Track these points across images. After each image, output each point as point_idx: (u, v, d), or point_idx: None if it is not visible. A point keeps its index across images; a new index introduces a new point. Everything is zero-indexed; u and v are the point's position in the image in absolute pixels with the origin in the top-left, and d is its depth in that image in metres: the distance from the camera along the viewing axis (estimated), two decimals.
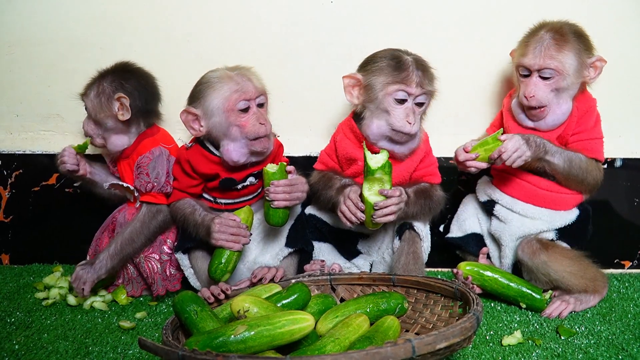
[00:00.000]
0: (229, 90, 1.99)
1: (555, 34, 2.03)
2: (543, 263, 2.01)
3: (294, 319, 1.52)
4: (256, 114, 2.02)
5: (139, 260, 2.12)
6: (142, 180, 2.12)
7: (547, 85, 2.03)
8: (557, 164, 2.02)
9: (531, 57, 2.04)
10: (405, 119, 2.01)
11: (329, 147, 2.21)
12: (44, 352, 1.76)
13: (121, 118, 2.11)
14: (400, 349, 1.32)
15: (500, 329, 1.88)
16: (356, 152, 2.10)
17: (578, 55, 2.02)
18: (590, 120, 2.08)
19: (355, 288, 1.96)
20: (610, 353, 1.71)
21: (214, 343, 1.46)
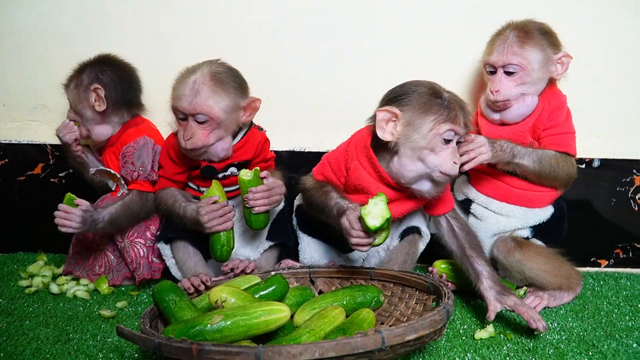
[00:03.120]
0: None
1: (519, 31, 2.07)
2: (517, 261, 2.03)
3: (269, 310, 1.55)
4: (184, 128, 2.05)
5: (124, 245, 2.15)
6: (127, 169, 2.15)
7: (512, 80, 2.07)
8: (527, 165, 2.04)
9: (495, 55, 2.09)
10: (453, 161, 1.89)
11: (337, 167, 2.05)
12: (25, 338, 1.78)
13: (97, 109, 2.15)
14: (370, 339, 1.36)
15: (474, 323, 1.91)
16: (371, 185, 1.97)
17: (542, 50, 2.06)
18: (560, 115, 2.10)
19: (333, 281, 2.00)
20: (581, 349, 1.75)
21: (191, 332, 1.49)
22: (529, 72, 2.05)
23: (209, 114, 2.00)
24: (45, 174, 2.45)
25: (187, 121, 2.03)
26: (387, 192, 1.93)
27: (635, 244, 2.43)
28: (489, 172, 2.17)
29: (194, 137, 2.02)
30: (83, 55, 2.23)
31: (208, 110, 2.00)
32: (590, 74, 2.29)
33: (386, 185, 1.96)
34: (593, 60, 2.33)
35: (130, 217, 2.15)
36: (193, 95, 2.00)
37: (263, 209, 1.99)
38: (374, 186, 1.96)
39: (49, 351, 1.71)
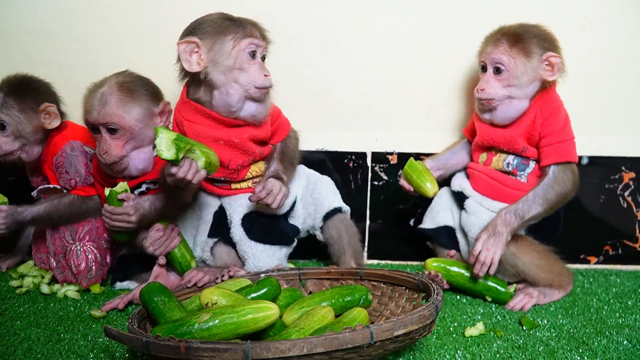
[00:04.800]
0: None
1: (511, 35, 2.07)
2: (511, 254, 2.03)
3: (258, 308, 1.55)
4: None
5: (75, 248, 2.14)
6: (64, 178, 2.16)
7: (499, 80, 2.07)
8: (538, 213, 2.05)
9: (487, 51, 2.10)
10: (263, 74, 2.00)
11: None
12: (16, 338, 1.78)
13: (49, 127, 2.16)
14: (358, 334, 1.37)
15: (464, 321, 1.91)
16: (213, 133, 2.03)
17: (530, 53, 2.05)
18: (557, 121, 2.09)
19: (323, 282, 2.00)
20: (571, 346, 1.75)
21: (179, 331, 1.49)
22: (515, 74, 2.05)
23: (119, 124, 1.99)
24: None
25: (100, 134, 2.02)
26: (232, 131, 2.04)
27: (624, 241, 2.44)
28: (482, 170, 2.19)
29: (109, 150, 2.01)
30: (70, 54, 2.26)
31: (118, 120, 1.99)
32: (578, 71, 2.28)
33: (227, 127, 2.03)
34: (581, 58, 2.33)
35: (56, 220, 2.15)
36: (101, 106, 1.98)
37: (108, 229, 2.04)
38: (217, 133, 2.04)
39: (40, 351, 1.71)
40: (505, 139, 2.13)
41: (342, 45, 2.42)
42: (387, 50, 2.42)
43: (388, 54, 2.42)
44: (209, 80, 1.99)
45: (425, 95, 2.43)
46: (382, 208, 2.48)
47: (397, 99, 2.45)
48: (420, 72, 2.43)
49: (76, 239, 2.15)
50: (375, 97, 2.45)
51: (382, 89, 2.45)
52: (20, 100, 2.14)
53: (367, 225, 2.49)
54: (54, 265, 2.16)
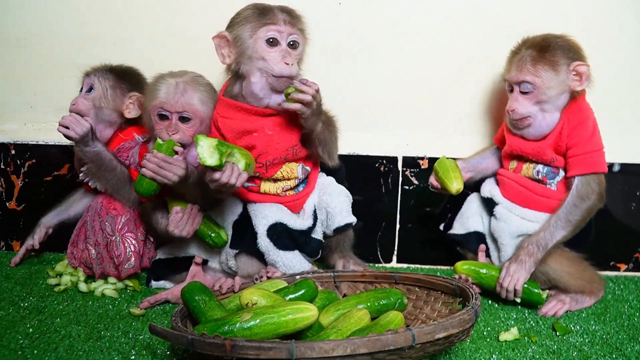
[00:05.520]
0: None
1: (534, 49, 2.06)
2: (542, 262, 2.06)
3: (298, 309, 1.58)
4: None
5: (114, 239, 2.18)
6: (120, 159, 2.22)
7: (527, 99, 2.08)
8: (563, 237, 2.06)
9: (511, 73, 2.11)
10: (284, 62, 2.00)
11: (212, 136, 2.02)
12: (57, 335, 1.81)
13: (127, 115, 2.23)
14: (400, 336, 1.39)
15: (497, 326, 1.93)
16: (246, 123, 2.05)
17: (557, 66, 2.04)
18: (584, 132, 2.09)
19: (357, 285, 2.02)
20: (605, 352, 1.77)
21: (221, 330, 1.52)
22: (543, 90, 2.05)
23: (194, 113, 2.05)
24: (71, 174, 2.49)
25: (170, 120, 2.06)
26: (266, 122, 2.05)
27: None
28: (512, 177, 2.21)
29: (179, 133, 2.05)
30: (107, 58, 2.28)
31: (194, 110, 2.05)
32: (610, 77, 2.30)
33: (260, 116, 2.06)
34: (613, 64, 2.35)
35: (108, 173, 2.18)
36: (180, 95, 2.04)
37: (148, 174, 1.93)
38: (250, 124, 2.05)
39: (82, 348, 1.74)
40: (534, 150, 2.14)
41: (374, 49, 2.44)
42: (419, 55, 2.44)
43: (420, 59, 2.45)
44: (239, 72, 2.04)
45: (457, 100, 2.45)
46: (412, 212, 2.50)
47: (429, 104, 2.47)
48: (451, 78, 2.45)
49: (115, 231, 2.19)
50: (406, 101, 2.47)
51: (414, 94, 2.47)
52: (118, 79, 2.24)
53: (397, 230, 2.51)
54: (94, 256, 2.19)
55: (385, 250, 2.52)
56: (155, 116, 2.08)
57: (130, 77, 2.29)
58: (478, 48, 2.42)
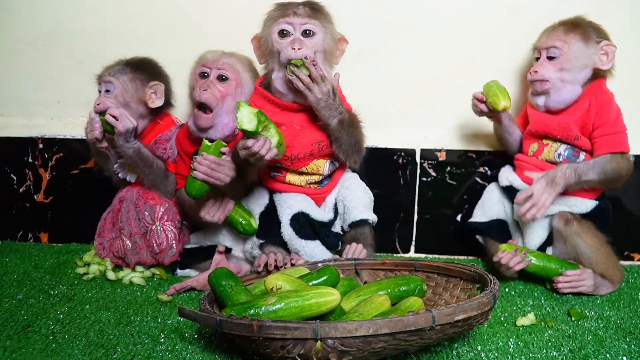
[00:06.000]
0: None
1: (567, 23, 2.18)
2: (575, 233, 2.12)
3: (321, 293, 1.62)
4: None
5: (155, 228, 2.23)
6: (158, 153, 2.27)
7: (551, 64, 2.15)
8: (592, 179, 2.11)
9: (542, 40, 2.20)
10: (291, 47, 2.05)
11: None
12: (87, 321, 1.87)
13: (151, 105, 2.27)
14: (421, 317, 1.44)
15: (515, 312, 1.97)
16: (276, 117, 2.07)
17: (586, 39, 2.14)
18: (610, 112, 2.16)
19: (378, 273, 2.07)
20: (619, 335, 1.81)
21: (247, 312, 1.56)
22: (569, 58, 2.13)
23: (233, 74, 2.15)
24: (97, 167, 2.53)
25: (208, 78, 2.14)
26: (295, 117, 2.13)
27: None
28: (531, 162, 2.25)
29: (209, 90, 2.12)
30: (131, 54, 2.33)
31: (234, 71, 2.16)
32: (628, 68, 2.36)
33: (289, 111, 2.13)
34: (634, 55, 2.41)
35: (147, 170, 2.24)
36: (223, 56, 2.17)
37: (200, 177, 1.97)
38: (280, 117, 2.10)
39: (112, 332, 1.79)
40: (559, 126, 2.19)
41: (393, 45, 2.50)
42: (438, 52, 2.50)
43: (438, 55, 2.50)
44: (268, 70, 2.14)
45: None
46: (430, 204, 2.55)
47: (447, 97, 2.52)
48: (469, 71, 2.50)
49: (155, 219, 2.23)
50: (424, 96, 2.53)
51: (432, 88, 2.52)
52: (134, 71, 2.27)
53: (415, 221, 2.56)
54: (129, 246, 2.24)
55: (403, 241, 2.57)
56: (196, 76, 2.16)
57: (147, 68, 2.32)
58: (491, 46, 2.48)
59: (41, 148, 2.58)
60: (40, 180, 2.60)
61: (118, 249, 2.27)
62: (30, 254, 2.46)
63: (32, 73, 2.61)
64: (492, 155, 2.50)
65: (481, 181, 2.49)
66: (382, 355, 1.53)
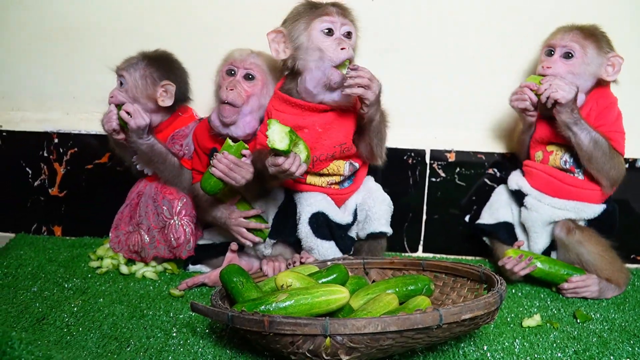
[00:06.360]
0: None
1: (585, 29, 2.19)
2: (577, 242, 2.15)
3: (330, 290, 1.66)
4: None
5: (173, 222, 2.26)
6: (175, 148, 2.30)
7: (566, 65, 2.16)
8: (583, 139, 2.10)
9: (558, 38, 2.20)
10: (340, 47, 2.04)
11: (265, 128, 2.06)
12: (100, 314, 1.91)
13: (161, 104, 2.27)
14: (428, 316, 1.47)
15: (521, 313, 2.00)
16: (298, 119, 2.10)
17: (599, 48, 2.16)
18: (610, 115, 2.18)
19: (386, 272, 2.10)
20: (623, 338, 1.84)
21: (258, 308, 1.60)
22: (583, 62, 2.15)
23: (259, 74, 2.16)
24: (111, 163, 2.59)
25: (235, 77, 2.16)
26: (317, 119, 2.11)
27: None
28: (540, 168, 2.27)
29: (236, 90, 2.13)
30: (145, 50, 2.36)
31: (260, 71, 2.17)
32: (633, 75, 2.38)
33: (313, 112, 2.11)
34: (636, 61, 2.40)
35: (160, 166, 2.27)
36: (251, 56, 2.18)
37: (217, 174, 2.01)
38: (302, 120, 2.11)
39: (125, 326, 1.84)
40: None
41: (403, 46, 2.52)
42: (446, 52, 2.52)
43: (447, 56, 2.53)
44: (295, 68, 2.10)
45: (484, 95, 2.52)
46: (438, 204, 2.57)
47: (456, 99, 2.54)
48: (478, 73, 2.52)
49: (174, 214, 2.26)
50: (434, 98, 2.55)
51: (442, 89, 2.54)
52: (148, 67, 2.27)
53: (424, 221, 2.58)
54: (146, 241, 2.27)
55: (411, 240, 2.59)
56: (223, 73, 2.19)
57: (162, 65, 2.31)
58: (501, 47, 2.49)
59: (56, 143, 2.61)
60: (54, 175, 2.64)
61: (135, 242, 2.29)
62: (44, 247, 2.50)
63: (48, 68, 2.64)
64: (502, 157, 2.52)
65: (490, 183, 2.51)
66: (390, 352, 1.57)
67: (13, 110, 2.69)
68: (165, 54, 2.37)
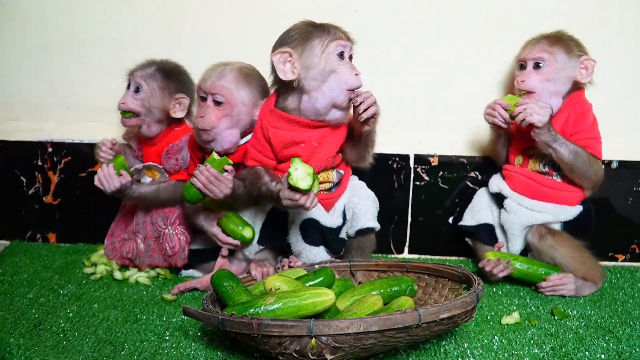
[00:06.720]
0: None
1: (550, 37, 2.26)
2: (549, 247, 2.22)
3: (317, 293, 1.72)
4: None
5: (167, 232, 2.32)
6: (170, 163, 2.35)
7: (539, 74, 2.23)
8: (563, 153, 2.17)
9: (527, 51, 2.27)
10: (354, 73, 2.09)
11: (259, 146, 2.21)
12: (95, 319, 1.96)
13: (173, 115, 2.32)
14: (408, 316, 1.54)
15: (500, 311, 2.07)
16: (296, 135, 2.14)
17: (569, 52, 2.23)
18: (587, 121, 2.25)
19: (372, 274, 2.16)
20: (598, 334, 1.90)
21: (247, 312, 1.66)
22: (555, 69, 2.22)
23: (227, 97, 2.16)
24: None
25: (206, 102, 2.18)
26: (314, 134, 2.15)
27: None
28: (520, 172, 2.34)
29: (206, 117, 2.16)
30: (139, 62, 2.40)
31: (227, 94, 2.16)
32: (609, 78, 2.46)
33: (310, 128, 2.15)
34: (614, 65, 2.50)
35: (157, 202, 2.34)
36: (218, 78, 2.16)
37: (197, 185, 2.09)
38: (299, 136, 2.15)
39: (120, 330, 1.89)
40: None
41: (387, 56, 2.59)
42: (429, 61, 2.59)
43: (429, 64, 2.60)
44: (301, 87, 2.09)
45: (465, 101, 2.59)
46: (423, 207, 2.63)
47: (439, 106, 2.61)
48: (458, 81, 2.60)
49: (168, 224, 2.33)
50: (417, 103, 2.62)
51: (425, 97, 2.61)
52: (166, 79, 2.32)
53: (409, 223, 2.64)
54: (142, 249, 2.33)
55: (397, 242, 2.66)
56: (198, 97, 2.23)
57: (178, 77, 2.36)
58: (483, 51, 2.57)
59: (50, 152, 2.66)
60: (49, 183, 2.68)
61: (129, 250, 2.35)
62: (39, 254, 2.54)
63: (43, 79, 2.69)
64: (483, 160, 2.58)
65: (472, 185, 2.58)
66: (373, 351, 1.65)
67: (8, 120, 2.74)
68: (179, 67, 2.41)
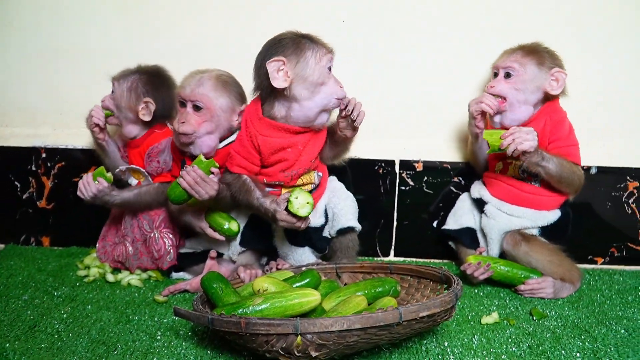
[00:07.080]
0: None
1: (525, 48, 2.33)
2: (524, 253, 2.27)
3: (303, 294, 1.79)
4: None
5: (153, 235, 2.37)
6: (152, 166, 2.40)
7: (509, 82, 2.29)
8: (551, 169, 2.22)
9: (501, 60, 2.34)
10: (338, 85, 2.16)
11: (246, 152, 2.24)
12: (89, 320, 2.01)
13: (142, 117, 2.37)
14: (389, 314, 1.61)
15: (481, 311, 2.13)
16: (284, 141, 2.20)
17: (540, 64, 2.29)
18: (563, 129, 2.31)
19: (357, 275, 2.23)
20: (575, 334, 1.96)
21: (236, 312, 1.73)
22: (524, 79, 2.28)
23: (206, 104, 2.20)
24: None
25: (185, 108, 2.23)
26: (300, 139, 2.21)
27: (628, 244, 2.63)
28: (500, 178, 2.41)
29: (187, 122, 2.20)
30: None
31: (206, 100, 2.20)
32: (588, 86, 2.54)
33: (297, 134, 2.21)
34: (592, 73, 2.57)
35: (141, 206, 2.39)
36: (197, 85, 2.21)
37: (183, 185, 2.13)
38: (287, 141, 2.21)
39: (113, 331, 1.94)
40: None
41: (374, 63, 2.66)
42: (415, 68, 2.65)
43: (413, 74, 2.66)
44: (292, 95, 2.14)
45: (449, 108, 2.65)
46: (408, 211, 2.69)
47: (423, 112, 2.67)
48: (442, 88, 2.66)
49: (153, 227, 2.38)
50: (403, 110, 2.68)
51: (409, 104, 2.67)
52: (137, 81, 2.38)
53: (394, 227, 2.71)
54: (131, 252, 2.39)
55: (383, 245, 2.72)
56: (177, 102, 2.27)
57: (152, 81, 2.38)
58: (469, 59, 2.63)
59: (44, 157, 2.71)
60: (42, 188, 2.73)
61: (120, 253, 2.41)
62: (33, 257, 2.59)
63: (37, 86, 2.74)
64: (466, 166, 2.65)
65: (455, 190, 2.64)
66: (356, 348, 1.71)
67: (2, 126, 2.78)
68: (159, 70, 2.44)
